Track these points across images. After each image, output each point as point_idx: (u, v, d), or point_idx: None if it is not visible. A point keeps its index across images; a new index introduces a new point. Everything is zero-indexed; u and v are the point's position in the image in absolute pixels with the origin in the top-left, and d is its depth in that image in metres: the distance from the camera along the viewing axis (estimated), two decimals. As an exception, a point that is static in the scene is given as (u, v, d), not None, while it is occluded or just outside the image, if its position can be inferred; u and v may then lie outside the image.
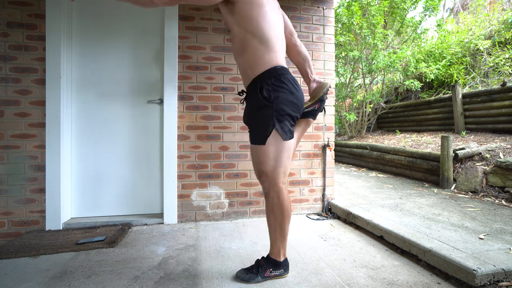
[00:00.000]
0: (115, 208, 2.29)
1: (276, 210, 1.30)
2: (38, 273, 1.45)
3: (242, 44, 1.28)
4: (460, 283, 1.30)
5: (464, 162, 3.01)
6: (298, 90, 1.31)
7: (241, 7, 1.23)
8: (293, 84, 1.29)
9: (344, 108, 6.03)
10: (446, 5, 10.19)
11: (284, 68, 1.30)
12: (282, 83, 1.26)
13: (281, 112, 1.25)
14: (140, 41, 2.33)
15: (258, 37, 1.25)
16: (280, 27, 1.35)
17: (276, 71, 1.26)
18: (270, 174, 1.28)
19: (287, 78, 1.28)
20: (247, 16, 1.23)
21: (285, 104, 1.26)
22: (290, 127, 1.29)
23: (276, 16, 1.33)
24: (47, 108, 2.04)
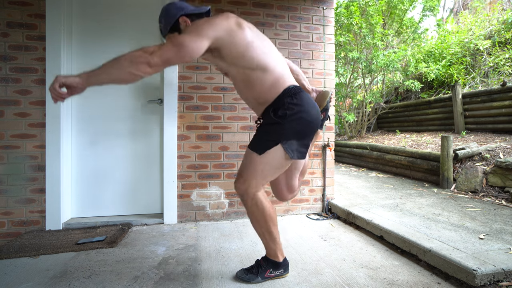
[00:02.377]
0: (115, 208, 2.29)
1: (259, 218, 1.28)
2: (38, 273, 1.45)
3: (246, 81, 1.24)
4: (460, 283, 1.30)
5: (464, 162, 3.01)
6: (314, 107, 1.26)
7: (227, 50, 1.19)
8: (308, 102, 1.24)
9: (344, 108, 6.02)
10: (446, 5, 10.19)
11: (297, 86, 1.27)
12: (297, 100, 1.22)
13: (292, 130, 1.21)
14: (140, 41, 2.33)
15: (259, 68, 1.21)
16: (272, 48, 1.30)
17: (290, 91, 1.23)
18: (248, 182, 1.25)
19: (302, 96, 1.24)
20: (238, 55, 1.19)
21: (298, 123, 1.21)
22: (298, 146, 1.24)
23: (263, 40, 1.28)
24: (47, 108, 2.04)
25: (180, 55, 1.09)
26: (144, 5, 2.34)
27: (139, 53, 1.07)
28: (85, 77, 1.07)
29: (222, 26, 1.16)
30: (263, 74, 1.21)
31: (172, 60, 1.10)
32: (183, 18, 1.27)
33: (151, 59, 1.06)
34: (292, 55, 2.45)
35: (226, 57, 1.21)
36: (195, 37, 1.11)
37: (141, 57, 1.06)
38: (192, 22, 1.26)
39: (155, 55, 1.07)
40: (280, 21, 2.43)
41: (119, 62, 1.07)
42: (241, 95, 1.33)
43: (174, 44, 1.09)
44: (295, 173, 1.45)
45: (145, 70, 1.07)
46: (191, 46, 1.09)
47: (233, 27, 1.18)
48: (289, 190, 1.47)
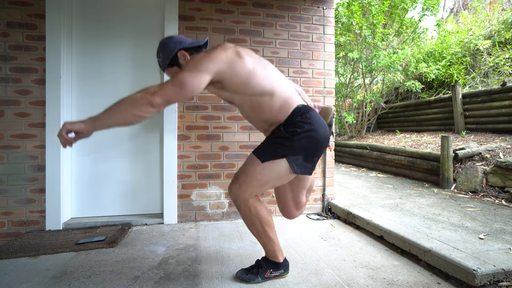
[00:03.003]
0: (115, 208, 2.29)
1: (253, 222, 1.29)
2: (38, 273, 1.45)
3: (254, 107, 1.24)
4: (460, 283, 1.30)
5: (464, 162, 3.01)
6: (323, 126, 1.26)
7: (229, 81, 1.18)
8: (317, 120, 1.25)
9: (344, 108, 6.02)
10: (446, 5, 10.19)
11: (306, 106, 1.27)
12: (307, 119, 1.22)
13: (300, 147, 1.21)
14: (140, 41, 2.33)
15: (265, 94, 1.21)
16: (275, 71, 1.30)
17: (300, 110, 1.24)
18: (244, 188, 1.24)
19: (312, 115, 1.24)
20: (241, 84, 1.19)
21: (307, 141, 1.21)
22: (303, 162, 1.23)
23: (264, 65, 1.27)
24: (47, 108, 2.04)
25: (181, 93, 1.10)
26: (144, 5, 2.34)
27: (140, 95, 1.08)
28: (90, 123, 1.09)
29: (221, 59, 1.16)
30: (271, 98, 1.22)
31: (173, 99, 1.11)
32: (181, 52, 1.26)
33: (153, 100, 1.07)
34: (292, 55, 2.45)
35: (229, 88, 1.21)
36: (195, 73, 1.11)
37: (142, 99, 1.07)
38: (191, 56, 1.26)
39: (156, 95, 1.07)
40: (280, 21, 2.43)
41: (122, 106, 1.08)
42: (249, 119, 1.33)
43: (174, 83, 1.10)
44: (302, 191, 1.45)
45: (148, 111, 1.08)
46: (192, 83, 1.10)
47: (233, 58, 1.18)
48: (297, 207, 1.47)
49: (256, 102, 1.22)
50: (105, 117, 1.09)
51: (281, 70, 2.42)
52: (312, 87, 2.48)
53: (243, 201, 1.25)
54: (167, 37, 1.31)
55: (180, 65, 1.27)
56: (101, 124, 1.10)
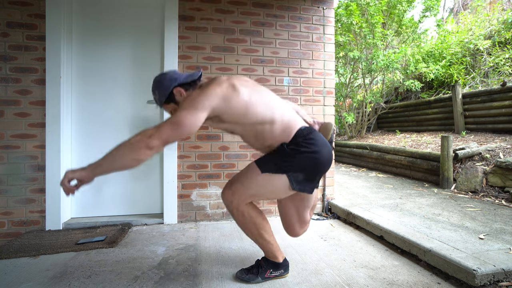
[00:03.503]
0: (115, 208, 2.29)
1: (247, 226, 1.29)
2: (38, 273, 1.45)
3: (257, 136, 1.25)
4: (460, 283, 1.30)
5: (464, 162, 3.01)
6: (326, 146, 1.26)
7: (227, 114, 1.18)
8: (320, 141, 1.25)
9: (344, 108, 6.02)
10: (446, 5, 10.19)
11: (308, 127, 1.28)
12: (310, 140, 1.22)
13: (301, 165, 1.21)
14: (140, 41, 2.33)
15: (265, 122, 1.21)
16: (271, 96, 1.29)
17: (302, 132, 1.24)
18: (237, 195, 1.23)
19: (315, 136, 1.24)
20: (240, 116, 1.19)
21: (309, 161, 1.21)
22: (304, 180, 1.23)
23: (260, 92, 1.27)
24: (47, 108, 2.04)
25: (179, 133, 1.10)
26: (144, 5, 2.34)
27: (138, 138, 1.08)
28: (91, 170, 1.10)
29: (216, 94, 1.15)
30: (272, 126, 1.22)
31: (171, 139, 1.11)
32: (177, 89, 1.26)
33: (150, 142, 1.07)
34: (292, 55, 2.45)
35: (228, 120, 1.21)
36: (192, 111, 1.11)
37: (140, 142, 1.07)
38: (186, 91, 1.26)
39: (154, 137, 1.08)
40: (280, 21, 2.43)
41: (120, 151, 1.09)
42: (253, 146, 1.34)
43: (171, 123, 1.10)
44: (307, 210, 1.46)
45: (146, 154, 1.09)
46: (189, 122, 1.10)
47: (228, 92, 1.17)
48: (301, 226, 1.47)
49: (258, 131, 1.23)
50: (104, 163, 1.10)
51: (281, 70, 2.42)
52: (312, 87, 2.48)
53: (235, 207, 1.25)
54: (161, 74, 1.30)
55: (177, 101, 1.27)
56: (101, 170, 1.11)
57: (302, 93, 2.46)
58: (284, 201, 1.43)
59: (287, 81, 2.43)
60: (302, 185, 1.24)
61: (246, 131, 1.25)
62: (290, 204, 1.42)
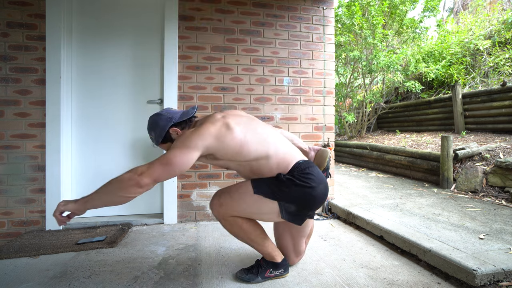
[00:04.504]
0: (115, 208, 2.29)
1: (238, 233, 1.30)
2: (38, 273, 1.45)
3: (253, 171, 1.25)
4: (460, 283, 1.30)
5: (464, 162, 3.01)
6: (322, 182, 1.25)
7: (221, 153, 1.18)
8: (317, 176, 1.24)
9: (344, 108, 6.02)
10: (446, 5, 10.19)
11: (306, 161, 1.27)
12: (307, 175, 1.22)
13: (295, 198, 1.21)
14: (140, 41, 2.33)
15: (261, 158, 1.21)
16: (265, 131, 1.29)
17: (299, 166, 1.23)
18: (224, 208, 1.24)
19: (311, 171, 1.24)
20: (234, 154, 1.19)
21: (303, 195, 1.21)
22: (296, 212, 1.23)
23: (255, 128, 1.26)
24: (47, 108, 2.04)
25: (169, 171, 1.10)
26: (144, 4, 2.34)
27: (128, 176, 1.08)
28: (82, 204, 1.12)
29: (210, 133, 1.16)
30: (267, 161, 1.22)
31: (162, 177, 1.11)
32: (173, 129, 1.26)
33: (140, 180, 1.07)
34: (292, 55, 2.45)
35: (222, 158, 1.21)
36: (184, 150, 1.11)
37: (130, 180, 1.08)
38: (182, 130, 1.27)
39: (144, 176, 1.08)
40: (280, 21, 2.43)
41: (110, 187, 1.10)
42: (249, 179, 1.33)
43: (162, 163, 1.10)
44: (302, 239, 1.46)
45: (136, 191, 1.09)
46: (180, 161, 1.10)
47: (221, 131, 1.17)
48: (296, 254, 1.47)
49: (253, 166, 1.23)
50: (95, 198, 1.11)
51: (281, 70, 2.42)
52: (312, 87, 2.48)
53: (222, 217, 1.27)
54: (156, 114, 1.31)
55: (173, 140, 1.28)
56: (91, 204, 1.12)
57: (302, 93, 2.46)
58: (280, 229, 1.44)
59: (287, 81, 2.43)
60: (291, 216, 1.24)
61: (242, 167, 1.25)
62: (286, 231, 1.42)
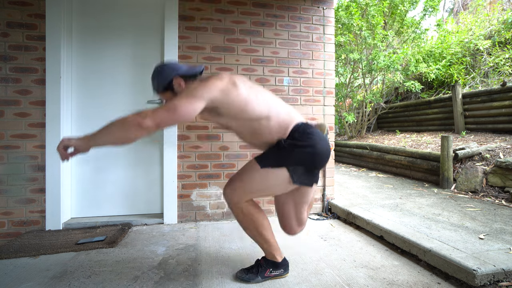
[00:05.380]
0: (115, 208, 2.29)
1: (247, 225, 1.30)
2: (38, 273, 1.45)
3: (251, 131, 1.26)
4: (460, 283, 1.30)
5: (464, 162, 3.01)
6: (323, 140, 1.27)
7: (225, 108, 1.20)
8: (317, 135, 1.25)
9: (344, 108, 6.02)
10: (446, 5, 10.19)
11: (305, 123, 1.28)
12: (308, 134, 1.23)
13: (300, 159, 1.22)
14: (140, 41, 2.33)
15: (262, 118, 1.23)
16: (270, 96, 1.31)
17: (298, 127, 1.25)
18: (237, 192, 1.25)
19: (311, 131, 1.25)
20: (237, 111, 1.20)
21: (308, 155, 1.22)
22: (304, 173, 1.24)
23: (258, 91, 1.28)
24: (47, 108, 2.04)
25: (173, 118, 1.11)
26: (144, 4, 2.34)
27: (132, 117, 1.09)
28: (86, 140, 1.13)
29: (216, 87, 1.17)
30: (268, 122, 1.23)
31: (165, 123, 1.12)
32: (176, 79, 1.27)
33: (144, 123, 1.08)
34: (292, 55, 2.45)
35: (225, 115, 1.22)
36: (190, 99, 1.13)
37: (133, 121, 1.08)
38: (185, 83, 1.28)
39: (148, 118, 1.08)
40: (280, 21, 2.43)
41: (115, 127, 1.11)
42: (251, 144, 1.35)
43: (168, 108, 1.11)
44: (304, 206, 1.45)
45: (138, 133, 1.09)
46: (185, 109, 1.11)
47: (228, 86, 1.20)
48: (298, 223, 1.46)
49: (254, 127, 1.24)
50: (98, 136, 1.13)
51: (281, 70, 2.42)
52: (312, 87, 2.48)
53: (235, 204, 1.26)
54: (163, 63, 1.32)
55: (174, 91, 1.29)
56: (94, 142, 1.14)
57: (302, 93, 2.46)
58: (282, 197, 1.43)
59: (287, 81, 2.43)
60: (302, 179, 1.25)
61: (243, 127, 1.26)
62: (288, 200, 1.42)
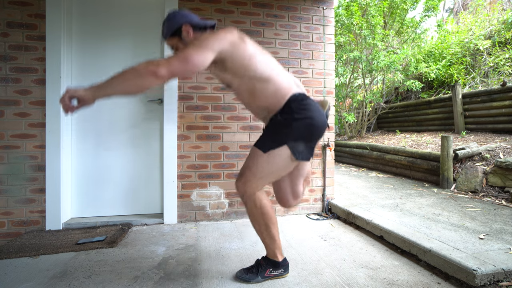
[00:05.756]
0: (115, 208, 2.29)
1: (258, 218, 1.30)
2: (38, 273, 1.45)
3: (250, 92, 1.26)
4: (460, 283, 1.30)
5: (464, 162, 3.01)
6: (319, 112, 1.27)
7: (231, 61, 1.21)
8: (314, 107, 1.26)
9: (344, 108, 6.02)
10: (446, 5, 10.19)
11: (302, 94, 1.28)
12: (304, 105, 1.23)
13: (299, 132, 1.22)
14: (140, 41, 2.33)
15: (263, 79, 1.23)
16: (274, 61, 1.33)
17: (295, 97, 1.25)
18: (249, 183, 1.26)
19: (308, 102, 1.25)
20: (242, 66, 1.22)
21: (305, 127, 1.23)
22: (304, 147, 1.26)
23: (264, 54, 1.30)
24: (47, 108, 2.04)
25: (186, 68, 1.11)
26: (144, 4, 2.34)
27: (145, 65, 1.09)
28: (93, 90, 1.10)
29: (226, 38, 1.19)
30: (267, 85, 1.24)
31: (177, 73, 1.12)
32: (186, 26, 1.29)
33: (158, 71, 1.07)
34: (292, 55, 2.45)
35: (230, 69, 1.23)
36: (201, 50, 1.13)
37: (148, 69, 1.08)
38: (194, 33, 1.30)
39: (162, 66, 1.08)
40: (280, 21, 2.43)
41: (126, 75, 1.09)
42: (246, 105, 1.35)
43: (180, 58, 1.11)
44: (300, 179, 1.46)
45: (152, 81, 1.09)
46: (197, 59, 1.12)
47: (237, 40, 1.22)
48: (294, 196, 1.47)
49: (252, 87, 1.25)
50: (108, 85, 1.09)
51: (281, 70, 2.42)
52: (312, 87, 2.48)
53: (249, 194, 1.27)
54: (176, 10, 1.34)
55: (182, 39, 1.30)
56: (103, 92, 1.10)
57: (302, 93, 2.46)
58: None
59: (287, 81, 2.43)
60: (303, 153, 1.26)
61: (243, 85, 1.26)
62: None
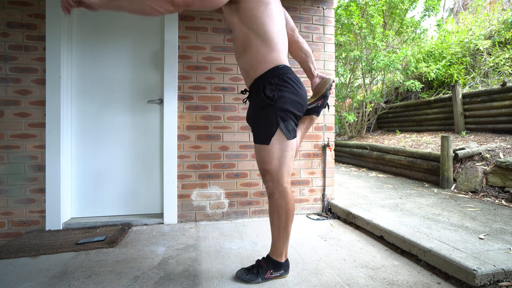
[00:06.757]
0: (115, 208, 2.29)
1: (281, 211, 1.30)
2: (38, 273, 1.45)
3: (244, 44, 1.26)
4: (460, 283, 1.30)
5: (464, 162, 3.01)
6: (301, 89, 1.29)
7: (246, 6, 1.21)
8: (296, 83, 1.27)
9: (344, 108, 6.02)
10: (446, 5, 10.18)
11: (287, 67, 1.29)
12: (285, 82, 1.24)
13: (285, 111, 1.24)
14: (140, 41, 2.33)
15: (261, 36, 1.23)
16: (283, 26, 1.33)
17: (279, 70, 1.25)
18: (275, 174, 1.27)
19: (290, 77, 1.26)
20: (252, 15, 1.22)
21: (289, 103, 1.24)
22: (294, 126, 1.29)
23: (280, 15, 1.31)
24: (47, 108, 2.04)
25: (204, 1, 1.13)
26: (144, 5, 2.34)
27: None
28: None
29: None
30: (262, 44, 1.24)
31: (194, 4, 1.12)
32: None
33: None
34: (292, 55, 2.45)
35: (241, 13, 1.23)
36: None
37: None
38: None
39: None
40: (280, 21, 2.43)
41: None
42: (237, 58, 1.35)
43: None
44: None
45: (166, 7, 1.09)
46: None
47: None
48: None
49: (249, 40, 1.24)
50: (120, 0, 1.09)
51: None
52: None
53: (279, 187, 1.29)
54: None
55: None
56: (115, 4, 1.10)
57: (302, 93, 2.46)
58: None
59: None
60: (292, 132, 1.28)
61: (242, 35, 1.26)
62: None
